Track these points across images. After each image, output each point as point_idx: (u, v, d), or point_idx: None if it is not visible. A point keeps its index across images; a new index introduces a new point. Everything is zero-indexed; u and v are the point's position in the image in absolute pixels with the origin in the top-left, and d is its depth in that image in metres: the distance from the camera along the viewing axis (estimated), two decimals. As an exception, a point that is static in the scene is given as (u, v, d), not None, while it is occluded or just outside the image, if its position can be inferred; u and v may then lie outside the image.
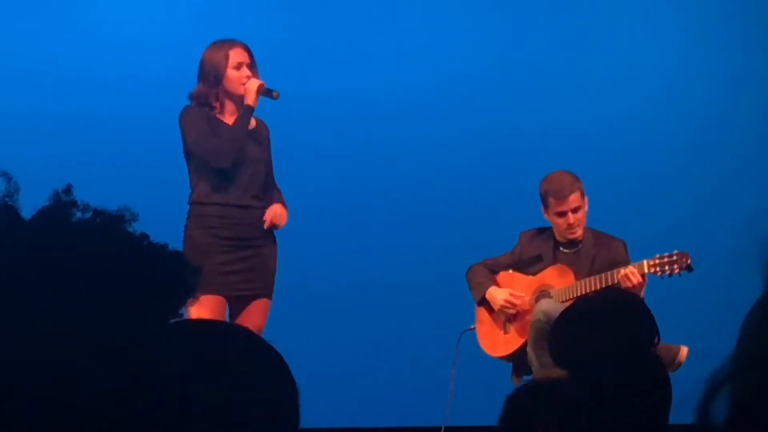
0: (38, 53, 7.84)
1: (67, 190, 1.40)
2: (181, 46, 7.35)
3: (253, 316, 6.07)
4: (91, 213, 1.40)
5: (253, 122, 6.26)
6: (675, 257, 6.09)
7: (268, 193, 6.31)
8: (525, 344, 6.27)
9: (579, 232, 6.38)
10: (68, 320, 1.35)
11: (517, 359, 6.38)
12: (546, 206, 6.40)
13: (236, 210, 6.13)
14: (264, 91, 6.16)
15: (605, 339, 2.98)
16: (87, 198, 1.43)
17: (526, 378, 6.21)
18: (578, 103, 8.12)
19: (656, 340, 3.16)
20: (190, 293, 1.48)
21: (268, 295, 6.22)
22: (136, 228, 1.47)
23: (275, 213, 6.20)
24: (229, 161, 6.09)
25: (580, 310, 3.23)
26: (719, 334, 3.22)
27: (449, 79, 8.14)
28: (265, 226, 6.19)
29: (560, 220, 6.35)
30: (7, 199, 1.38)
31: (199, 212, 6.15)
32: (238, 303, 6.17)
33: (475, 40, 8.19)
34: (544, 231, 6.53)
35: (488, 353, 6.52)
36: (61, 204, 1.39)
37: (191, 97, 6.21)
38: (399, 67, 8.14)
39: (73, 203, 1.40)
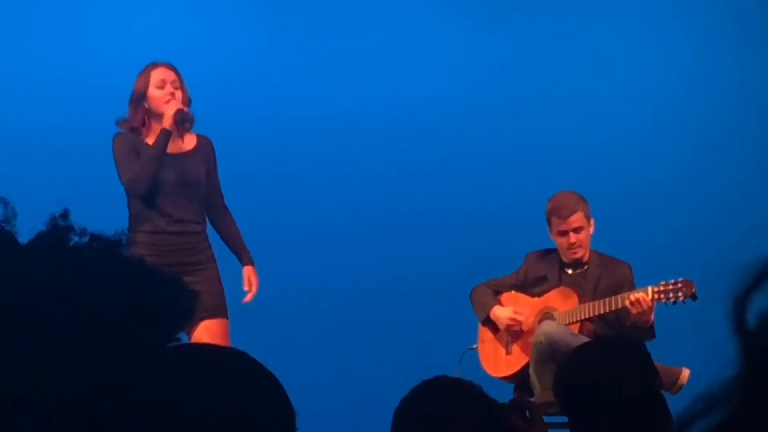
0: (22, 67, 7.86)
1: (64, 214, 1.40)
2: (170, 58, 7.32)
3: (214, 339, 5.89)
4: (88, 237, 1.41)
5: (192, 141, 6.16)
6: (680, 285, 6.07)
7: (217, 214, 6.23)
8: (527, 365, 6.27)
9: (581, 253, 6.37)
10: (66, 344, 1.35)
11: (519, 380, 6.37)
12: (549, 226, 6.41)
13: (168, 237, 6.01)
14: (181, 118, 6.00)
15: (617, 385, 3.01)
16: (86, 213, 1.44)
17: (531, 399, 6.20)
18: (589, 121, 8.12)
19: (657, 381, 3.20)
20: (187, 317, 1.48)
21: (221, 315, 6.08)
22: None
23: (252, 284, 6.22)
24: (144, 188, 5.96)
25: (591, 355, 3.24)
26: (722, 356, 3.20)
27: (457, 94, 8.15)
28: (247, 300, 6.19)
29: (562, 240, 6.36)
30: (4, 224, 1.38)
31: (131, 240, 5.91)
32: (190, 330, 5.97)
33: (479, 55, 8.20)
34: (550, 252, 6.53)
35: (490, 373, 6.50)
36: (59, 229, 1.39)
37: (117, 124, 6.12)
38: (406, 81, 8.15)
39: (70, 228, 1.40)
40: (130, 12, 8.02)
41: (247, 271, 6.25)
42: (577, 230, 6.34)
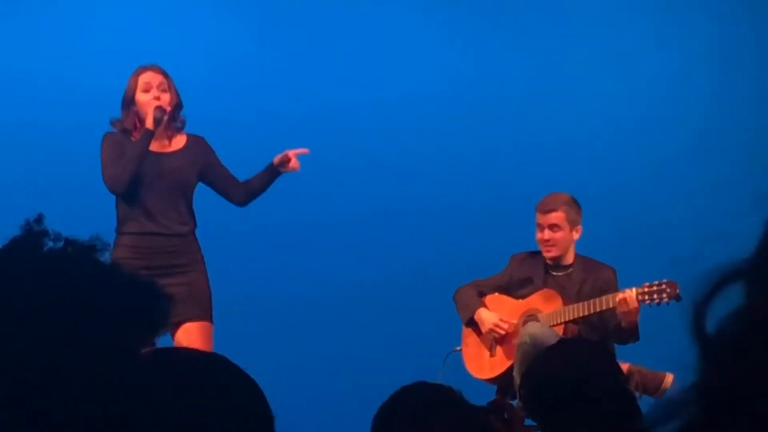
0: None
1: (39, 219, 1.40)
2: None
3: (194, 342, 5.87)
4: (62, 242, 1.41)
5: (181, 142, 6.17)
6: (664, 286, 6.09)
7: (238, 192, 6.21)
8: (511, 367, 6.27)
9: (554, 252, 6.39)
10: (41, 348, 1.35)
11: (503, 382, 6.38)
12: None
13: (150, 238, 6.01)
14: (159, 114, 5.99)
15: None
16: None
17: (512, 402, 6.20)
18: (576, 122, 8.14)
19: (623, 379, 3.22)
20: (163, 321, 1.48)
21: (203, 318, 6.04)
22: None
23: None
24: (121, 188, 5.97)
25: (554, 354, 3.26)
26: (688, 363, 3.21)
27: (447, 93, 8.15)
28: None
29: (538, 234, 6.40)
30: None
31: (117, 242, 6.04)
32: (173, 332, 6.00)
33: (467, 58, 8.21)
34: (536, 254, 6.54)
35: (474, 375, 6.50)
36: (33, 234, 1.39)
37: (111, 124, 6.14)
38: (395, 80, 8.15)
39: (45, 233, 1.40)
40: (121, 12, 8.02)
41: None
42: (552, 228, 6.36)
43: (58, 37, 7.94)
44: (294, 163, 6.16)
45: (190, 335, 5.96)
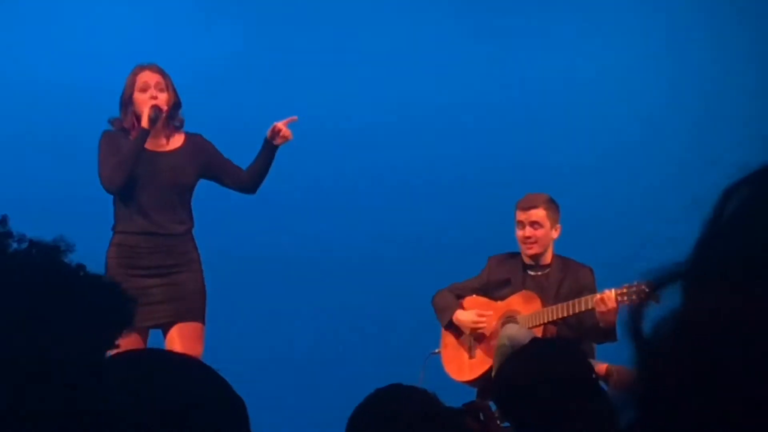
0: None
1: (3, 221, 1.40)
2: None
3: (184, 343, 5.90)
4: (27, 244, 1.41)
5: (179, 140, 6.16)
6: (643, 287, 6.10)
7: (240, 181, 6.20)
8: (490, 369, 6.28)
9: (535, 249, 6.42)
10: (2, 350, 1.36)
11: (483, 384, 6.38)
12: (515, 221, 6.46)
13: (146, 238, 6.00)
14: (154, 114, 5.98)
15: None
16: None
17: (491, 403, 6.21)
18: (559, 129, 8.16)
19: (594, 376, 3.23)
20: (126, 323, 1.49)
21: (194, 318, 6.03)
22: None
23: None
24: (116, 187, 5.98)
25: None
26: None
27: (440, 96, 8.17)
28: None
29: (519, 232, 6.42)
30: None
31: (113, 240, 6.05)
32: (165, 330, 6.02)
33: (460, 57, 8.22)
34: (514, 256, 6.56)
35: (453, 378, 6.52)
36: (-4, 235, 1.40)
37: (110, 122, 6.15)
38: (388, 80, 8.17)
39: (9, 234, 1.40)
40: (112, 10, 8.02)
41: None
42: (534, 225, 6.39)
43: (48, 35, 7.93)
44: (285, 132, 6.13)
45: (181, 336, 5.97)
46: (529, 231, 6.40)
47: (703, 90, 8.11)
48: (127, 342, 4.73)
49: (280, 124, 6.14)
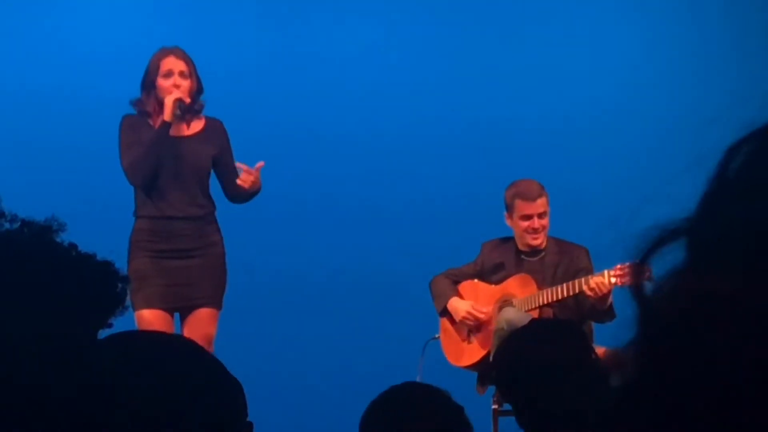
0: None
1: (-5, 202, 1.42)
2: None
3: (198, 327, 5.95)
4: (19, 224, 1.42)
5: (199, 125, 6.16)
6: (636, 267, 6.09)
7: (232, 191, 6.18)
8: (489, 354, 6.26)
9: (541, 239, 6.38)
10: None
11: (482, 369, 6.37)
12: (511, 211, 6.37)
13: (164, 222, 6.03)
14: (180, 108, 6.00)
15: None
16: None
17: (491, 388, 6.22)
18: (546, 109, 8.16)
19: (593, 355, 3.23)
20: (118, 303, 1.50)
21: (212, 304, 6.07)
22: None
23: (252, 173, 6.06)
24: (138, 180, 6.02)
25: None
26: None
27: (407, 87, 8.17)
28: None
29: (525, 224, 6.32)
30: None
31: (135, 226, 6.09)
32: (183, 315, 6.08)
33: (445, 48, 8.23)
34: (507, 240, 6.53)
35: (452, 363, 6.51)
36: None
37: (131, 104, 6.15)
38: (373, 74, 8.17)
39: (1, 214, 1.41)
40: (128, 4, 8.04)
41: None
42: (542, 215, 6.34)
43: (44, 29, 7.93)
44: (253, 179, 6.09)
45: (195, 320, 6.03)
46: (537, 222, 6.34)
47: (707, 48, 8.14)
48: (152, 321, 4.75)
49: (248, 175, 6.08)
